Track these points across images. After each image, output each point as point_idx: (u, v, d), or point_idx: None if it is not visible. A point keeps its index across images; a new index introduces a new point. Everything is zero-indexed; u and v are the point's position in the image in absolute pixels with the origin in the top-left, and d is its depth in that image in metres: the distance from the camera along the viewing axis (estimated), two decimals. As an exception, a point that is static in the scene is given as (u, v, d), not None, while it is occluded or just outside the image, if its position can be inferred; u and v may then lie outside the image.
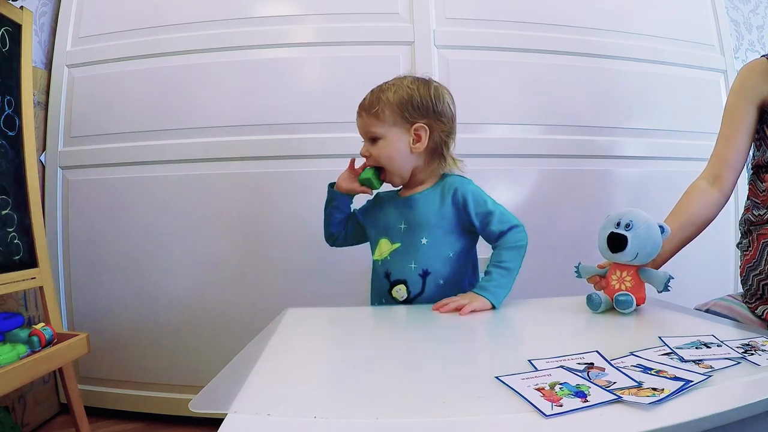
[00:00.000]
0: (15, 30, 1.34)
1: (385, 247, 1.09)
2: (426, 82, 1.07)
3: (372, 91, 1.09)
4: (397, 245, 1.07)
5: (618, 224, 0.89)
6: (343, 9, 1.65)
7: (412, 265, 1.04)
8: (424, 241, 1.04)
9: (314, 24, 1.65)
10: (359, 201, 1.19)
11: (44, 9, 1.69)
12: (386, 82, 1.08)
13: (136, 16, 1.68)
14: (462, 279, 1.08)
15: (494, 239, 1.03)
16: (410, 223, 1.06)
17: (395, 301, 1.06)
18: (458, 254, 1.06)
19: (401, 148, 1.05)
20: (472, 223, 1.03)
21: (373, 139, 1.06)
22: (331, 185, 1.15)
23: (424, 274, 1.04)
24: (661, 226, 0.89)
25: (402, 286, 1.05)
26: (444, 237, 1.05)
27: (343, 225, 1.19)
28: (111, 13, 1.70)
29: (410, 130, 1.04)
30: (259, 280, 1.61)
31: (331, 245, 1.23)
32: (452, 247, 1.06)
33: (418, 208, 1.06)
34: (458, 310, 0.91)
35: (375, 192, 1.13)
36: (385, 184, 1.11)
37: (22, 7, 1.36)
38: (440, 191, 1.06)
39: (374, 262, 1.13)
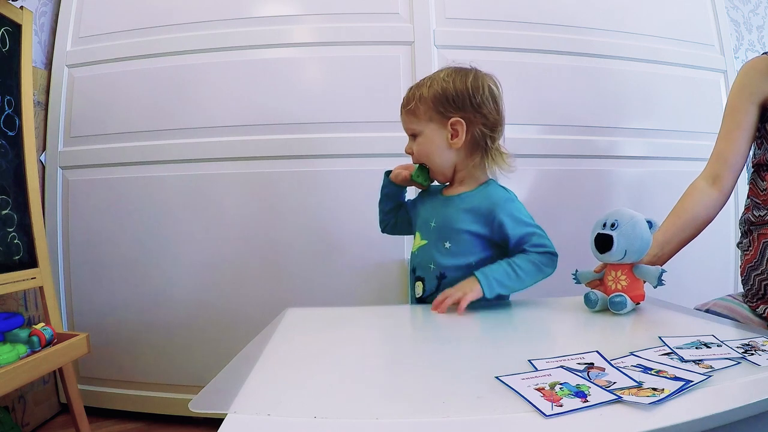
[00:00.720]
0: (15, 30, 1.34)
1: (417, 241, 1.07)
2: (464, 73, 1.01)
3: (410, 87, 1.05)
4: (425, 242, 1.04)
5: (604, 225, 0.89)
6: (343, 9, 1.65)
7: (431, 266, 1.02)
8: (447, 245, 1.00)
9: (314, 24, 1.65)
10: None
11: (44, 9, 1.69)
12: (426, 77, 1.04)
13: (136, 16, 1.68)
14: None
15: (521, 252, 0.98)
16: (440, 223, 1.02)
17: (414, 295, 1.06)
18: (480, 262, 1.00)
19: (439, 144, 1.00)
20: (507, 242, 0.98)
21: (413, 136, 1.03)
22: (387, 173, 1.13)
23: (441, 277, 1.01)
24: (648, 221, 0.89)
25: (420, 284, 1.04)
26: (469, 245, 0.99)
27: (393, 214, 1.18)
28: (111, 13, 1.70)
29: (447, 125, 0.99)
30: (260, 280, 1.61)
31: (382, 231, 1.21)
32: (476, 255, 1.00)
33: (452, 211, 1.01)
34: (456, 303, 0.90)
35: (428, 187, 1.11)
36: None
37: (22, 7, 1.36)
38: (479, 200, 1.00)
39: (411, 252, 1.10)
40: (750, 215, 1.01)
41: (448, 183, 1.08)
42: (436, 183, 1.10)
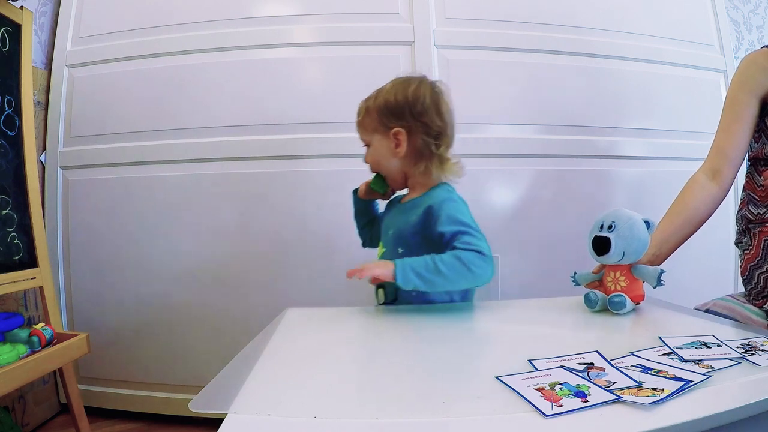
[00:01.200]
0: (15, 30, 1.34)
1: (379, 250, 1.09)
2: (407, 84, 1.04)
3: (366, 99, 1.10)
4: (384, 250, 1.06)
5: (601, 227, 0.89)
6: (343, 9, 1.65)
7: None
8: (400, 251, 1.00)
9: (314, 24, 1.65)
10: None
11: (44, 9, 1.69)
12: (377, 89, 1.09)
13: (136, 16, 1.68)
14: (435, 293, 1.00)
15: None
16: (396, 230, 1.04)
17: (378, 301, 1.06)
18: None
19: (385, 153, 1.04)
20: (441, 239, 0.95)
21: (366, 146, 1.08)
22: (354, 191, 1.17)
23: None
24: (646, 221, 0.89)
25: (381, 290, 1.04)
26: (420, 249, 0.96)
27: (368, 229, 1.21)
28: (111, 13, 1.70)
29: (390, 135, 1.02)
30: (259, 280, 1.61)
31: (363, 246, 1.25)
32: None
33: (404, 217, 1.03)
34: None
35: (391, 197, 1.14)
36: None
37: (22, 7, 1.36)
38: (424, 202, 1.00)
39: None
40: (747, 212, 1.01)
41: (407, 190, 1.10)
42: (401, 192, 1.13)
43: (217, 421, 0.46)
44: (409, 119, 1.01)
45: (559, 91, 1.69)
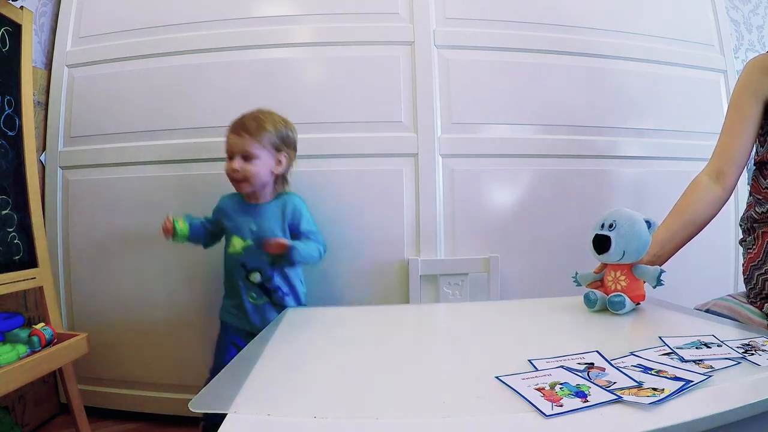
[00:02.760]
0: (15, 30, 1.34)
1: (237, 243, 1.35)
2: (287, 122, 1.39)
3: (248, 116, 1.34)
4: (249, 242, 1.34)
5: (602, 226, 0.89)
6: (343, 9, 1.65)
7: (263, 258, 1.32)
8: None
9: (314, 24, 1.65)
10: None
11: (44, 9, 1.69)
12: (259, 112, 1.35)
13: (136, 16, 1.68)
14: (295, 273, 1.39)
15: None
16: (260, 226, 1.34)
17: (251, 284, 1.34)
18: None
19: (268, 168, 1.33)
20: (298, 233, 1.35)
21: (246, 157, 1.30)
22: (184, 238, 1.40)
23: (271, 264, 1.33)
24: (647, 221, 0.89)
25: (257, 273, 1.33)
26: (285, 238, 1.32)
27: (211, 239, 1.48)
28: (111, 13, 1.70)
29: (276, 156, 1.34)
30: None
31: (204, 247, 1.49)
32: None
33: (266, 215, 1.35)
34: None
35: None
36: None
37: (22, 7, 1.36)
38: (282, 205, 1.36)
39: (228, 254, 1.39)
40: (753, 212, 1.01)
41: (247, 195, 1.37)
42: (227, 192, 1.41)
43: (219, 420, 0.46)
44: (292, 148, 1.39)
45: (559, 91, 1.69)
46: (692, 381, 0.51)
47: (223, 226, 1.41)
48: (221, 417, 0.47)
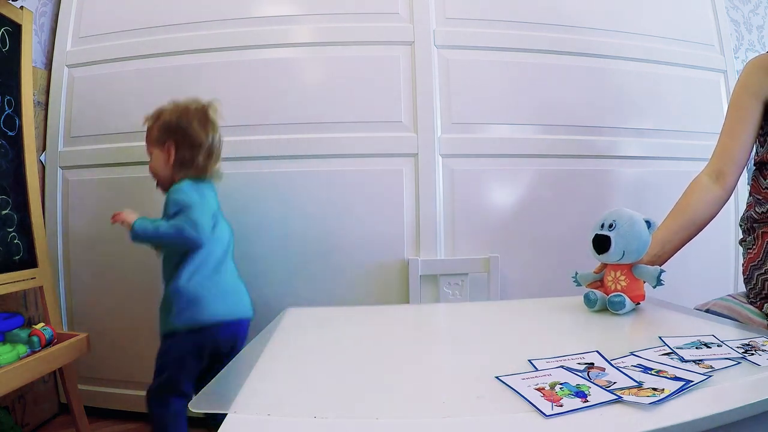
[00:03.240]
0: (15, 30, 1.34)
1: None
2: (182, 109, 1.33)
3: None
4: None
5: (602, 226, 0.90)
6: (343, 9, 1.65)
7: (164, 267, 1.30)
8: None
9: (314, 24, 1.65)
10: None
11: (44, 9, 1.69)
12: (154, 110, 1.35)
13: (136, 16, 1.68)
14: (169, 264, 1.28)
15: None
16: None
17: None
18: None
19: (162, 162, 1.31)
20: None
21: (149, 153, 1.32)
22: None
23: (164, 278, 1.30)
24: (647, 221, 0.89)
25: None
26: None
27: None
28: (111, 13, 1.70)
29: (164, 149, 1.30)
30: (260, 280, 1.61)
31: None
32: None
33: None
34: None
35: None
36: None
37: (22, 7, 1.36)
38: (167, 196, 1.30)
39: None
40: (753, 212, 1.01)
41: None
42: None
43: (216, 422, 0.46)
44: (175, 135, 1.31)
45: (559, 91, 1.69)
46: (692, 381, 0.51)
47: None
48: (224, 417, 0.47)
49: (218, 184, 1.39)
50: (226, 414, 0.47)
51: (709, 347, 0.64)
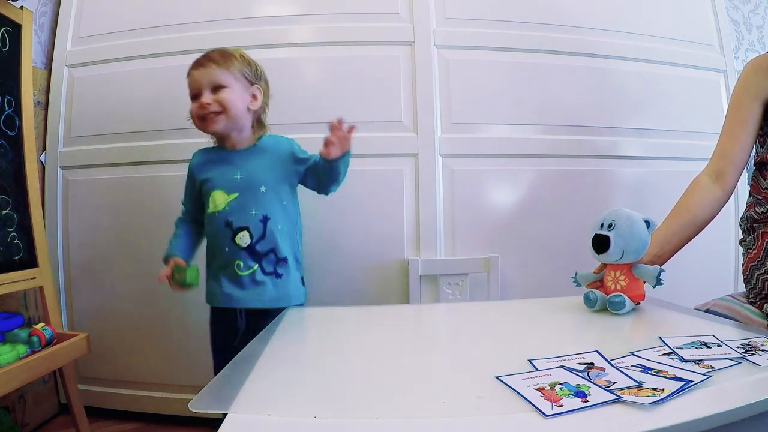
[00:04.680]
0: (15, 30, 1.34)
1: (220, 198, 1.16)
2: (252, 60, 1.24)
3: (211, 51, 1.21)
4: (235, 195, 1.15)
5: (601, 226, 0.90)
6: (343, 9, 1.65)
7: (253, 212, 1.14)
8: (263, 189, 1.15)
9: (314, 24, 1.65)
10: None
11: (44, 9, 1.69)
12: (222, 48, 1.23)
13: (136, 16, 1.68)
14: (294, 229, 1.21)
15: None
16: (247, 173, 1.16)
17: (238, 248, 1.13)
18: (289, 204, 1.20)
19: (244, 102, 1.17)
20: (302, 165, 1.21)
21: (216, 90, 1.14)
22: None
23: (265, 220, 1.14)
24: (646, 221, 0.89)
25: (245, 233, 1.13)
26: (278, 186, 1.18)
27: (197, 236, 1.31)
28: (111, 13, 1.70)
29: (249, 89, 1.19)
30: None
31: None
32: (285, 196, 1.19)
33: (254, 160, 1.17)
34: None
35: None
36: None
37: (22, 7, 1.36)
38: (270, 147, 1.21)
39: (209, 215, 1.18)
40: (753, 212, 1.01)
41: (221, 144, 1.23)
42: (205, 144, 1.27)
43: (218, 421, 0.46)
44: (262, 83, 1.24)
45: (559, 91, 1.69)
46: (692, 381, 0.51)
47: (202, 187, 1.21)
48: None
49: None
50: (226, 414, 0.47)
51: (709, 347, 0.64)
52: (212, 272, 1.22)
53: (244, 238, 1.13)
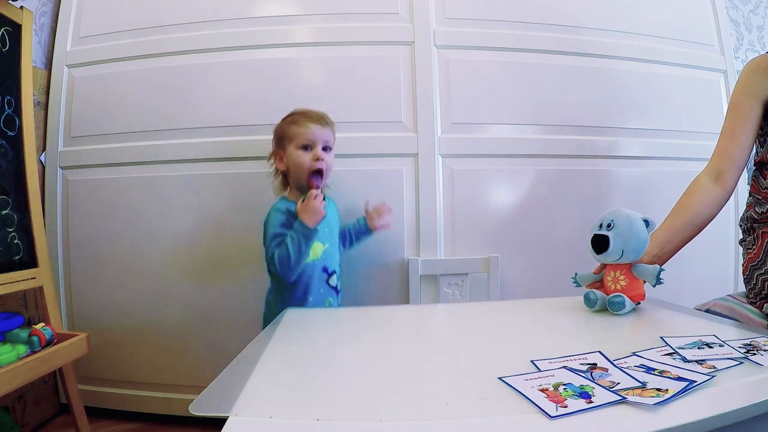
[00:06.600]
0: (15, 30, 1.33)
1: (318, 248, 1.28)
2: None
3: (316, 112, 1.32)
4: (327, 245, 1.30)
5: (601, 226, 0.90)
6: (343, 9, 1.65)
7: (337, 259, 1.35)
8: (336, 240, 1.38)
9: (314, 24, 1.65)
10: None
11: (44, 9, 1.68)
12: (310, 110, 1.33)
13: (136, 16, 1.67)
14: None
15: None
16: (330, 226, 1.33)
17: (330, 287, 1.30)
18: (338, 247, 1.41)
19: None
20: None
21: (326, 149, 1.29)
22: (307, 229, 1.19)
23: (340, 263, 1.38)
24: (645, 220, 0.89)
25: (335, 276, 1.32)
26: (337, 236, 1.40)
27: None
28: (111, 13, 1.69)
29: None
30: (260, 280, 1.61)
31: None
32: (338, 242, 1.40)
33: (330, 213, 1.30)
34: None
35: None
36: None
37: (22, 7, 1.36)
38: (332, 203, 1.38)
39: (308, 263, 1.24)
40: (753, 212, 1.01)
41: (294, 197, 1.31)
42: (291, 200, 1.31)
43: (217, 421, 0.46)
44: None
45: (559, 91, 1.69)
46: (696, 381, 0.51)
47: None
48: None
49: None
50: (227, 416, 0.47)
51: (711, 347, 0.64)
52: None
53: (335, 280, 1.32)
